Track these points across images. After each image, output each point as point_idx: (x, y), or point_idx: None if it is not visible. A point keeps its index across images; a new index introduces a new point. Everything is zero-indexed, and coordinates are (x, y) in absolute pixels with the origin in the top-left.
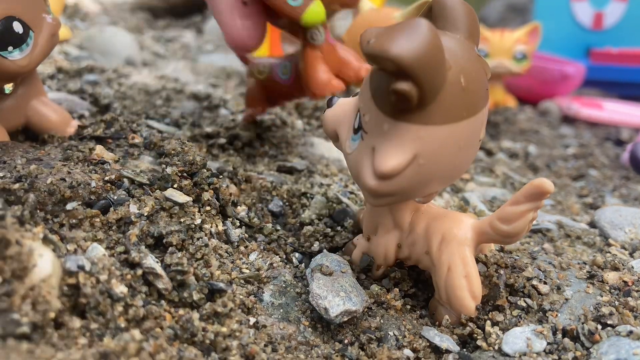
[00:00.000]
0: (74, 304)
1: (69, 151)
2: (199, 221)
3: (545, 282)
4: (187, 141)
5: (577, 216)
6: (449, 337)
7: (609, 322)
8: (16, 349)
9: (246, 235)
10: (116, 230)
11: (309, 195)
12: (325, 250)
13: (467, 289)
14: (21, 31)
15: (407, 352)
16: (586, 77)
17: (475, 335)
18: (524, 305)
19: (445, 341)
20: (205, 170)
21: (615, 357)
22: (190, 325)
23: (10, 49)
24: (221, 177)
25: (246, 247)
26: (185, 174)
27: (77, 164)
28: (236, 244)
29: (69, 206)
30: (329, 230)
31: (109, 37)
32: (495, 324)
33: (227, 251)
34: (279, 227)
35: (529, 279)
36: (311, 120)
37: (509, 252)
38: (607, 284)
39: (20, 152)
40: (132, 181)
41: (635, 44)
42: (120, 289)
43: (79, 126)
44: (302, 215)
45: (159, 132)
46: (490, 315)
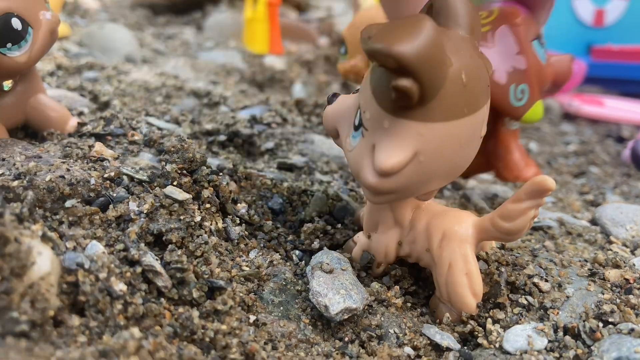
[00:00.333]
0: (73, 301)
1: (68, 148)
2: (198, 219)
3: (546, 280)
4: (187, 138)
5: (578, 213)
6: (449, 334)
7: (610, 319)
8: (15, 347)
9: (246, 232)
10: (115, 227)
11: (309, 192)
12: (325, 247)
13: (468, 287)
14: (20, 28)
15: (408, 350)
16: (587, 74)
17: (476, 333)
18: (525, 303)
19: (446, 339)
20: (205, 167)
21: (616, 355)
22: (189, 323)
23: (9, 45)
24: (221, 174)
25: (246, 245)
26: (185, 172)
27: (76, 161)
28: (236, 241)
29: (68, 203)
30: (329, 227)
31: (109, 34)
32: (496, 322)
33: (227, 249)
34: (279, 225)
35: (530, 277)
36: (311, 117)
37: (509, 249)
38: (608, 281)
39: (19, 149)
40: (131, 178)
41: (636, 41)
42: (119, 287)
43: (78, 123)
44: (303, 212)
45: (159, 129)
46: (491, 313)
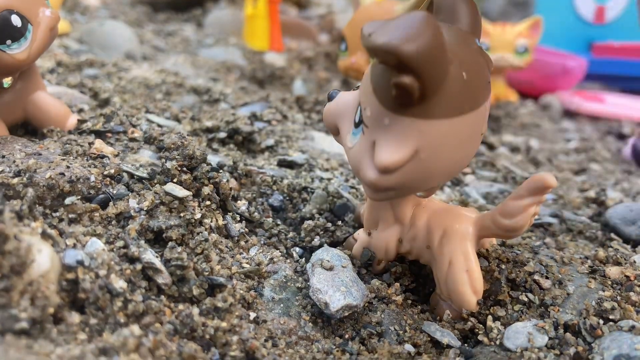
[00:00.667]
0: (73, 299)
1: (68, 145)
2: (198, 216)
3: (547, 277)
4: (187, 135)
5: (579, 210)
6: (450, 332)
7: (610, 317)
8: (15, 345)
9: (246, 229)
10: (115, 224)
11: (309, 189)
12: (325, 244)
13: (468, 284)
14: (20, 24)
15: (408, 347)
16: (588, 71)
17: (476, 330)
18: (525, 300)
19: (446, 336)
20: (205, 164)
21: (617, 352)
22: (190, 320)
23: (8, 42)
24: (221, 171)
25: (246, 242)
26: (185, 168)
27: (76, 158)
28: (236, 238)
29: (68, 201)
30: (329, 224)
31: (109, 31)
32: (496, 319)
33: (227, 246)
34: (279, 222)
35: (530, 274)
36: (312, 114)
37: (510, 246)
38: (609, 278)
39: (19, 147)
40: (131, 175)
41: (637, 37)
42: (119, 284)
43: (78, 120)
44: (303, 209)
45: (159, 126)
46: (491, 310)
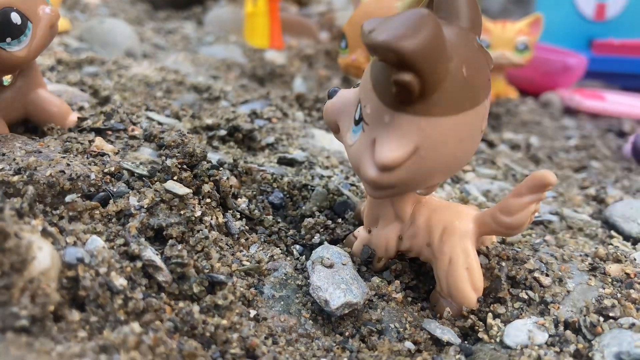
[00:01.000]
0: (73, 296)
1: (68, 143)
2: (199, 213)
3: (547, 275)
4: (187, 133)
5: (579, 208)
6: (450, 329)
7: (611, 314)
8: (15, 342)
9: (247, 227)
10: (116, 222)
11: (309, 187)
12: (325, 242)
13: (468, 281)
14: (19, 22)
15: (408, 345)
16: (588, 69)
17: (476, 327)
18: (525, 297)
19: (446, 333)
20: (205, 162)
21: (617, 350)
22: (190, 317)
23: (8, 40)
24: (221, 169)
25: (247, 240)
26: (185, 166)
27: (76, 156)
28: (236, 236)
29: (68, 198)
30: (329, 222)
31: (109, 29)
32: (497, 316)
33: (228, 243)
34: (279, 219)
35: (530, 271)
36: (312, 111)
37: (510, 244)
38: (609, 276)
39: (19, 144)
40: (131, 173)
41: (637, 35)
42: (119, 282)
43: (78, 118)
44: (303, 207)
45: (159, 124)
46: (491, 307)
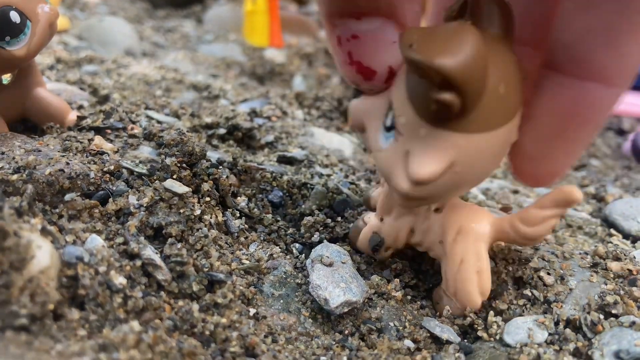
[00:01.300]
0: (73, 295)
1: (67, 142)
2: (198, 212)
3: (548, 273)
4: (187, 132)
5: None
6: (449, 327)
7: (613, 311)
8: (15, 341)
9: (246, 226)
10: (115, 221)
11: (309, 185)
12: (325, 240)
13: (476, 284)
14: (18, 21)
15: (408, 343)
16: None
17: (476, 326)
18: (529, 295)
19: (445, 332)
20: (204, 160)
21: (616, 348)
22: (189, 316)
23: (7, 38)
24: (221, 167)
25: (246, 238)
26: (184, 165)
27: (76, 154)
28: (236, 234)
29: (67, 197)
30: (329, 220)
31: (109, 28)
32: (498, 314)
33: (227, 242)
34: (279, 218)
35: (536, 270)
36: (311, 110)
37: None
38: (611, 271)
39: (18, 143)
40: (131, 172)
41: None
42: (119, 280)
43: (78, 117)
44: (302, 205)
45: (159, 122)
46: (493, 304)
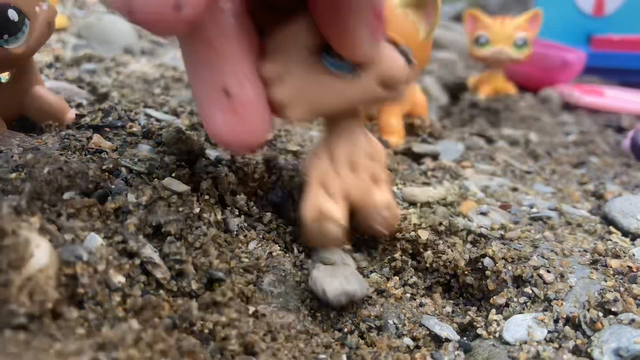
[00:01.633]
0: (72, 294)
1: (66, 140)
2: (197, 210)
3: (548, 271)
4: (186, 130)
5: (578, 203)
6: (448, 325)
7: (612, 309)
8: (13, 340)
9: (245, 224)
10: (114, 219)
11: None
12: None
13: None
14: (17, 19)
15: (407, 341)
16: (587, 64)
17: (475, 323)
18: (529, 292)
19: (445, 330)
20: (203, 159)
21: (616, 346)
22: (188, 314)
23: (5, 37)
24: (220, 165)
25: (245, 236)
26: (183, 163)
27: (74, 153)
28: (235, 233)
29: (66, 195)
30: None
31: (107, 26)
32: (497, 312)
33: (226, 240)
34: (278, 216)
35: (535, 268)
36: None
37: (509, 239)
38: (611, 268)
39: (17, 142)
40: (130, 170)
41: (636, 30)
42: (118, 279)
43: (76, 115)
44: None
45: (157, 120)
46: (491, 301)
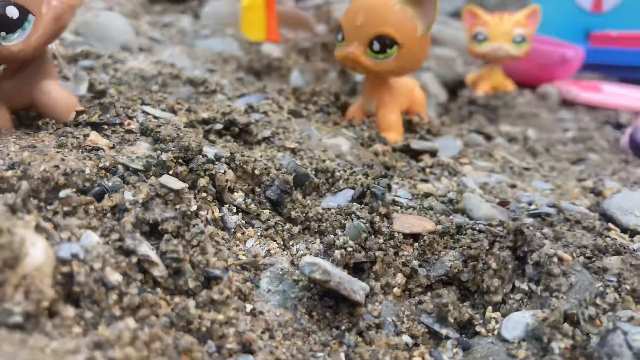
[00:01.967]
0: (68, 292)
1: (63, 138)
2: (194, 208)
3: (547, 268)
4: (183, 127)
5: (577, 200)
6: (447, 323)
7: (610, 307)
8: (9, 339)
9: (243, 221)
10: (111, 217)
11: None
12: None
13: None
14: (16, 16)
15: (406, 338)
16: (585, 61)
17: (474, 321)
18: (527, 290)
19: (444, 327)
20: (201, 156)
21: (615, 343)
22: (186, 313)
23: (3, 34)
24: (217, 163)
25: (243, 234)
26: (180, 160)
27: (71, 150)
28: (233, 230)
29: (62, 193)
30: None
31: (105, 23)
32: (496, 309)
33: (224, 238)
34: (276, 214)
35: (534, 265)
36: (308, 105)
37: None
38: (609, 267)
39: (13, 139)
40: (126, 168)
41: (635, 26)
42: (114, 277)
43: (76, 111)
44: None
45: (155, 117)
46: (488, 297)
